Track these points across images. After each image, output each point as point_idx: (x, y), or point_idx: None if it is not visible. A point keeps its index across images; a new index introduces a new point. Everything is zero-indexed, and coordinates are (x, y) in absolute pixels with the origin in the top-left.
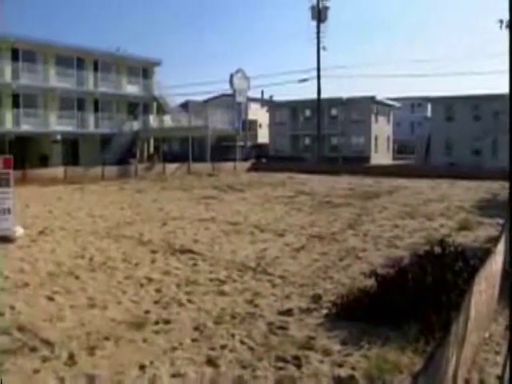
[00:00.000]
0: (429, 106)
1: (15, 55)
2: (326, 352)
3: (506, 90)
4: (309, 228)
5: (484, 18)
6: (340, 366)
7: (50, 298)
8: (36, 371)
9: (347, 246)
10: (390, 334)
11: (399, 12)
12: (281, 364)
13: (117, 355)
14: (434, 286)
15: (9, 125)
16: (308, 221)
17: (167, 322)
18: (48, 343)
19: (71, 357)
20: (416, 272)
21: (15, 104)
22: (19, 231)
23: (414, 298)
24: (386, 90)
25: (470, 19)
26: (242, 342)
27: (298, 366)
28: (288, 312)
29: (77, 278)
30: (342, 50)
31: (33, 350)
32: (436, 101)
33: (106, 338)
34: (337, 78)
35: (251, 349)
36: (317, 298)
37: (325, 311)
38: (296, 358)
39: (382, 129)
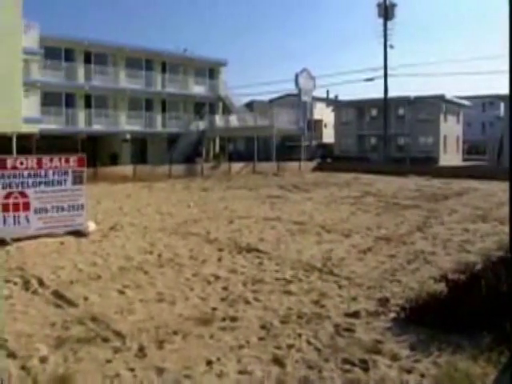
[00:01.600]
0: (501, 105)
1: (88, 58)
2: (394, 357)
3: None
4: (375, 229)
5: None
6: (409, 372)
7: (121, 292)
8: (108, 361)
9: (415, 248)
10: (461, 342)
11: (466, 8)
12: (347, 367)
13: (185, 350)
14: (509, 294)
15: (81, 124)
16: (375, 222)
17: (234, 319)
18: (119, 335)
19: (141, 349)
20: (489, 278)
21: (87, 104)
22: (91, 226)
23: (487, 306)
24: (455, 89)
25: None
26: (309, 343)
27: (365, 370)
28: (355, 314)
29: (146, 273)
30: (408, 48)
31: (105, 340)
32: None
33: (175, 333)
34: (404, 77)
35: (318, 349)
36: (384, 301)
37: (392, 315)
38: (363, 361)
39: (451, 129)
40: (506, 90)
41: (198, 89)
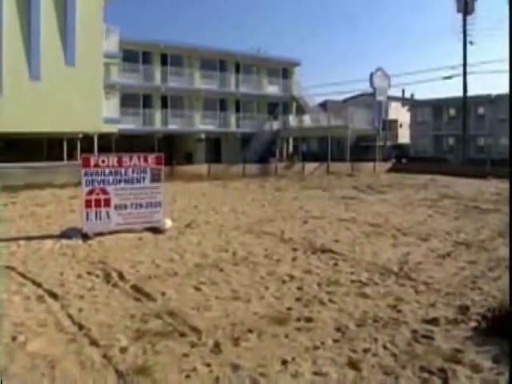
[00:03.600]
0: None
1: (164, 60)
2: (475, 368)
3: None
4: (454, 234)
5: None
6: None
7: (197, 288)
8: (185, 355)
9: (497, 255)
10: None
11: None
12: (425, 375)
13: (260, 348)
14: None
15: (158, 124)
16: (453, 226)
17: (309, 320)
18: (196, 330)
19: (217, 345)
20: None
21: (164, 105)
22: (168, 223)
23: None
24: None
25: None
26: (385, 348)
27: (444, 380)
28: (433, 321)
29: (221, 270)
30: (490, 44)
31: (182, 335)
32: None
33: (250, 331)
34: (484, 75)
35: (394, 355)
36: (464, 309)
37: (473, 324)
38: (442, 370)
39: None
40: None
41: (272, 89)
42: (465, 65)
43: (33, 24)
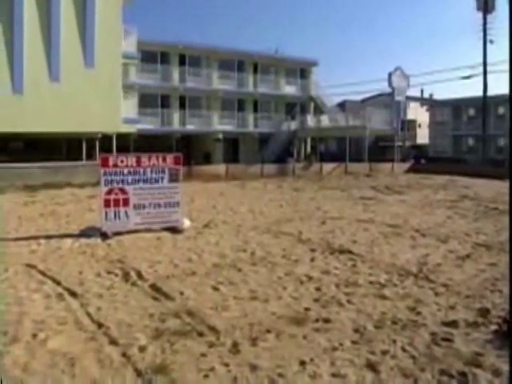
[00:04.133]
0: None
1: (182, 60)
2: (496, 372)
3: None
4: (474, 235)
5: None
6: None
7: (215, 288)
8: (203, 355)
9: None
10: None
11: None
12: (445, 378)
13: (278, 348)
14: None
15: (176, 125)
16: (473, 227)
17: (327, 320)
18: (214, 330)
19: (235, 345)
20: None
21: (182, 105)
22: (186, 223)
23: None
24: None
25: None
26: (404, 350)
27: None
28: (453, 323)
29: (239, 270)
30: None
31: (200, 334)
32: None
33: (268, 331)
34: (504, 74)
35: (413, 357)
36: (484, 312)
37: (494, 327)
38: (462, 374)
39: None
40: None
41: (289, 89)
42: (485, 64)
43: (53, 26)
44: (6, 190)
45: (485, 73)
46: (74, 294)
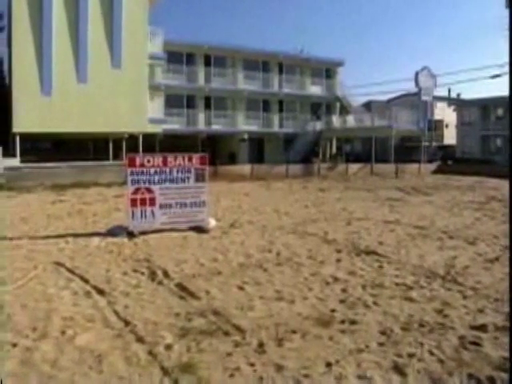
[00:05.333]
0: None
1: (207, 61)
2: None
3: None
4: (503, 238)
5: None
6: None
7: (241, 288)
8: (229, 354)
9: None
10: None
11: None
12: (473, 383)
13: (304, 349)
14: None
15: (201, 125)
16: (502, 230)
17: (353, 322)
18: (239, 330)
19: (261, 345)
20: None
21: (207, 106)
22: (212, 223)
23: None
24: None
25: None
26: (431, 353)
27: None
28: (482, 327)
29: (265, 270)
30: None
31: (226, 334)
32: None
33: (294, 332)
34: None
35: (441, 361)
36: None
37: None
38: (491, 379)
39: None
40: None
41: (315, 89)
42: (511, 63)
43: (81, 29)
44: (34, 189)
45: (511, 72)
46: (101, 292)
